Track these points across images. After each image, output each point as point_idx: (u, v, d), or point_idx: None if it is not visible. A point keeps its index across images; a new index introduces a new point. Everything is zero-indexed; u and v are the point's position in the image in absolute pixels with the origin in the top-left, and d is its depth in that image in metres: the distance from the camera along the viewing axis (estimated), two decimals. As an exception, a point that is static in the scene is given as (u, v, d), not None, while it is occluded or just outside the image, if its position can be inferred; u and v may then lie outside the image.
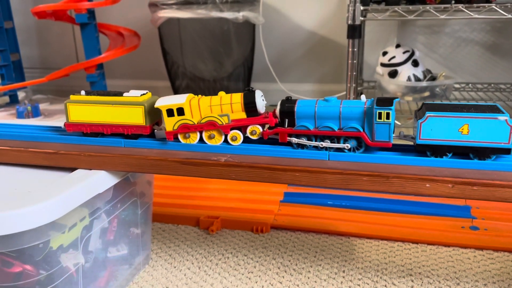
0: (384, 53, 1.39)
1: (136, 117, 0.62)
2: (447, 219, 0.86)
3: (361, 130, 0.55)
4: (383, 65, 1.39)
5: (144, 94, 0.63)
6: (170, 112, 0.60)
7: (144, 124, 0.62)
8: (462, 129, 0.51)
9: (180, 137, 0.61)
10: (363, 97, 0.57)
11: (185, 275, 0.73)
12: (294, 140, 0.57)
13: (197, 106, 0.60)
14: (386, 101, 0.53)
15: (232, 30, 1.56)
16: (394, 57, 1.36)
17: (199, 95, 0.62)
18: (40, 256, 0.52)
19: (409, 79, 1.32)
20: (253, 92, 0.59)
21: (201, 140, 0.61)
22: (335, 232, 0.83)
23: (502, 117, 0.50)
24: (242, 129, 0.60)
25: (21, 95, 1.79)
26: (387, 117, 0.53)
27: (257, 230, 0.85)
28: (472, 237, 0.80)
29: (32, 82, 1.52)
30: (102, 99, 0.63)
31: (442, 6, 1.18)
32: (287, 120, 0.58)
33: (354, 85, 1.29)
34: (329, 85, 1.80)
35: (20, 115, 1.49)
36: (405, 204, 0.92)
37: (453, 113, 0.51)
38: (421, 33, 1.66)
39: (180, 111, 0.60)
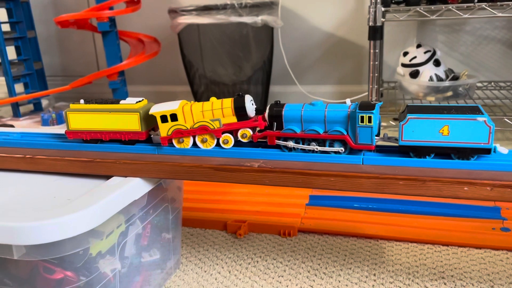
0: (405, 54, 1.38)
1: (132, 123, 0.64)
2: (477, 220, 0.85)
3: (345, 133, 0.56)
4: (404, 65, 1.38)
5: (139, 101, 0.65)
6: (164, 118, 0.62)
7: (140, 130, 0.64)
8: (443, 130, 0.52)
9: (174, 141, 0.63)
10: (348, 101, 0.59)
11: (216, 279, 0.73)
12: (291, 144, 0.59)
13: (190, 112, 0.62)
14: (368, 106, 0.55)
15: (251, 34, 1.57)
16: (415, 57, 1.35)
17: (192, 101, 0.65)
18: (80, 262, 0.53)
19: (431, 79, 1.31)
20: (243, 97, 0.62)
21: (194, 144, 0.63)
22: (363, 235, 0.83)
23: (481, 118, 0.51)
24: (233, 132, 0.62)
25: (44, 102, 1.82)
26: (369, 121, 0.55)
27: (284, 233, 0.85)
28: (503, 239, 0.79)
29: (57, 90, 1.54)
30: (100, 107, 0.66)
31: (465, 5, 1.17)
32: (275, 123, 0.60)
33: (376, 86, 1.29)
34: (349, 86, 1.79)
35: (45, 123, 1.52)
36: (433, 206, 0.91)
37: (433, 115, 0.53)
38: (440, 32, 1.65)
39: (174, 117, 0.62)
